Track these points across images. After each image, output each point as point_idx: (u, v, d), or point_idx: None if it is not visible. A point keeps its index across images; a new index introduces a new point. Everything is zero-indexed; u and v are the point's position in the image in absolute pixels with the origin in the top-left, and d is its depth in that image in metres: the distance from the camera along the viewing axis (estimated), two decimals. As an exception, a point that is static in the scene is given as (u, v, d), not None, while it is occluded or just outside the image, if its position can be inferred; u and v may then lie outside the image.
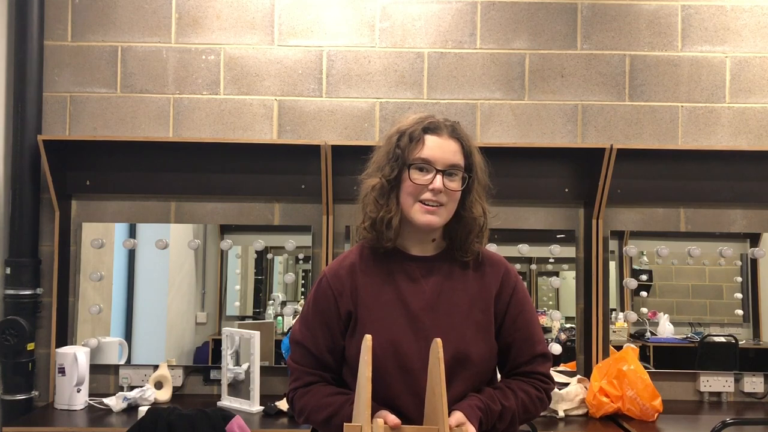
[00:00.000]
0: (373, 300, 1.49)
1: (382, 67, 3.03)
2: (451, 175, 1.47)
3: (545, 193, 2.98)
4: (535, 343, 1.55)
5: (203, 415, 2.04)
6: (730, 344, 2.99)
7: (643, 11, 3.05)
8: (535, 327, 1.57)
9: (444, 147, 1.47)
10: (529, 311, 1.57)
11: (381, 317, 1.47)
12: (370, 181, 1.52)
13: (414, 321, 1.47)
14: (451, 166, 1.47)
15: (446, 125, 1.51)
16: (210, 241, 3.02)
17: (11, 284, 2.85)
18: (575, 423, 2.60)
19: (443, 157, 1.47)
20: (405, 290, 1.49)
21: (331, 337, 1.51)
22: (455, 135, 1.50)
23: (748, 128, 3.04)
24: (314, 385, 1.52)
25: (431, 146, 1.47)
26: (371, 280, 1.51)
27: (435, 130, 1.49)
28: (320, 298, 1.53)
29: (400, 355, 1.43)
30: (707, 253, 3.02)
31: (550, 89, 3.04)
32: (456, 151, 1.49)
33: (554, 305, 3.05)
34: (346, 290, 1.51)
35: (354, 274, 1.52)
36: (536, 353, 1.54)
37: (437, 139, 1.48)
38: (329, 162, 2.82)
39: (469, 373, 1.46)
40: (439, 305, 1.49)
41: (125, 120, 3.01)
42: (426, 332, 1.45)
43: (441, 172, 1.46)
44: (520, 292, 1.57)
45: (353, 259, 1.55)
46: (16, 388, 2.82)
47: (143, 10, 3.02)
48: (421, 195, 1.46)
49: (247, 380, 2.71)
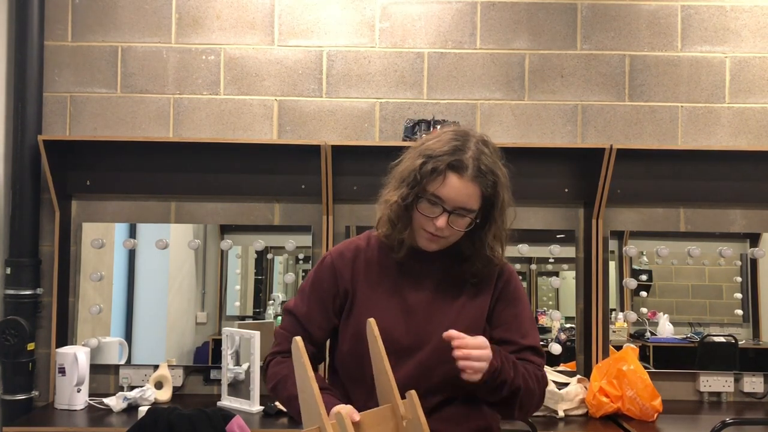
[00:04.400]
0: (372, 287, 1.53)
1: (382, 67, 3.03)
2: (460, 215, 1.47)
3: (545, 193, 2.98)
4: (523, 335, 1.55)
5: (203, 415, 2.04)
6: (729, 344, 2.99)
7: (643, 11, 3.05)
8: (524, 321, 1.57)
9: (461, 191, 1.45)
10: (518, 306, 1.58)
11: (377, 305, 1.50)
12: (389, 195, 1.53)
13: (408, 313, 1.51)
14: (461, 209, 1.46)
15: (474, 165, 1.45)
16: (210, 241, 3.02)
17: (11, 284, 2.85)
18: (575, 423, 2.60)
19: (456, 199, 1.45)
20: (404, 282, 1.53)
21: (324, 312, 1.55)
22: (478, 180, 1.45)
23: (748, 128, 3.04)
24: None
25: (449, 185, 1.45)
26: (373, 267, 1.55)
27: (459, 170, 1.44)
28: (321, 274, 1.57)
29: (390, 343, 1.43)
30: (707, 253, 3.02)
31: (550, 89, 3.04)
32: (472, 195, 1.46)
33: (554, 305, 3.05)
34: (347, 272, 1.55)
35: (357, 259, 1.56)
36: (524, 345, 1.54)
37: (457, 181, 1.44)
38: (329, 162, 2.82)
39: (455, 366, 1.44)
40: (435, 301, 1.53)
41: (125, 120, 3.02)
42: (418, 325, 1.50)
43: (449, 212, 1.45)
44: (511, 286, 1.58)
45: (359, 244, 1.59)
46: (16, 388, 2.82)
47: (143, 10, 3.02)
48: (426, 225, 1.48)
49: (247, 380, 2.71)
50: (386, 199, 1.54)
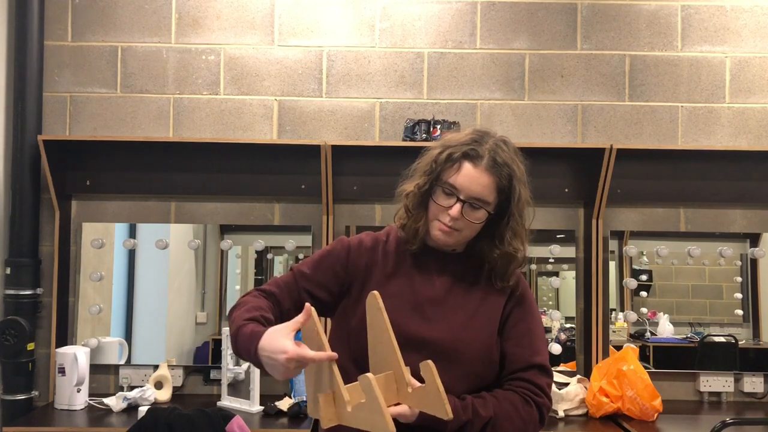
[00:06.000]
0: (386, 277, 1.53)
1: (382, 67, 3.03)
2: (475, 207, 1.47)
3: (545, 193, 2.97)
4: (533, 352, 1.52)
5: (203, 415, 2.04)
6: (729, 344, 2.99)
7: (643, 11, 3.05)
8: (535, 338, 1.54)
9: (475, 179, 1.45)
10: (532, 322, 1.56)
11: (388, 297, 1.46)
12: (407, 186, 1.55)
13: (418, 309, 1.49)
14: (476, 199, 1.46)
15: (490, 156, 1.46)
16: (210, 241, 3.02)
17: (11, 284, 2.85)
18: (575, 423, 2.60)
19: (470, 189, 1.45)
20: (417, 279, 1.53)
21: (324, 281, 1.53)
22: (493, 170, 1.46)
23: (748, 128, 3.04)
24: (272, 297, 1.51)
25: (463, 174, 1.46)
26: (390, 258, 1.55)
27: (474, 159, 1.46)
28: (336, 248, 1.57)
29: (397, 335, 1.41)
30: (707, 253, 3.02)
31: (550, 89, 3.04)
32: (487, 185, 1.46)
33: (554, 305, 3.05)
34: (364, 257, 1.55)
35: (375, 250, 1.56)
36: (533, 362, 1.51)
37: (472, 170, 1.45)
38: (329, 162, 2.82)
39: (460, 372, 1.45)
40: (446, 301, 1.51)
41: (125, 120, 3.01)
42: (427, 322, 1.48)
43: (462, 202, 1.46)
44: (526, 302, 1.57)
45: (379, 236, 1.60)
46: (16, 388, 2.82)
47: (143, 10, 3.02)
48: (440, 216, 1.48)
49: (247, 380, 2.71)
50: (403, 188, 1.56)
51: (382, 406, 1.19)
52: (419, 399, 1.31)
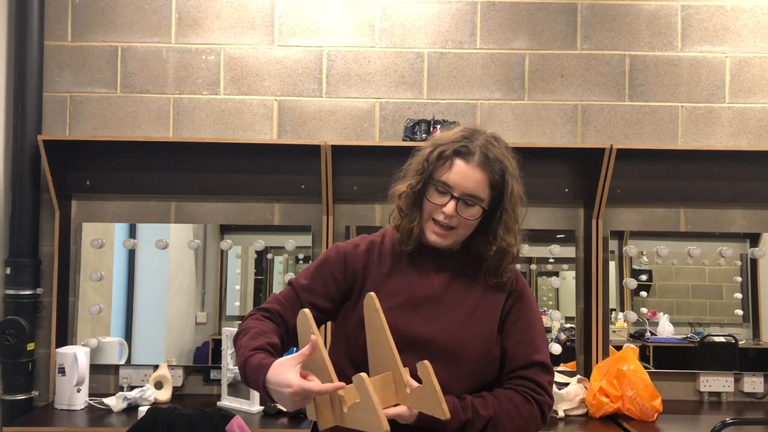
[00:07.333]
0: (382, 280, 1.52)
1: (382, 67, 3.03)
2: (469, 204, 1.47)
3: (545, 193, 2.97)
4: (533, 350, 1.51)
5: (203, 415, 2.04)
6: (729, 344, 2.99)
7: (643, 11, 3.05)
8: (536, 335, 1.54)
9: (467, 176, 1.46)
10: (532, 319, 1.55)
11: (385, 297, 1.47)
12: (400, 187, 1.55)
13: (416, 309, 1.49)
14: (469, 196, 1.46)
15: (481, 152, 1.47)
16: (210, 241, 3.02)
17: (11, 284, 2.85)
18: (575, 423, 2.60)
19: (462, 185, 1.46)
20: (414, 279, 1.52)
21: (325, 290, 1.53)
22: (485, 166, 1.47)
23: (748, 128, 3.04)
24: (277, 315, 1.50)
25: (455, 171, 1.46)
26: (386, 260, 1.54)
27: (465, 155, 1.46)
28: (332, 255, 1.57)
29: (396, 335, 1.40)
30: (707, 253, 3.02)
31: (550, 89, 3.04)
32: (479, 181, 1.46)
33: (554, 305, 3.05)
34: (360, 261, 1.54)
35: (371, 252, 1.56)
36: (534, 360, 1.50)
37: (464, 166, 1.46)
38: (329, 162, 2.82)
39: (461, 371, 1.45)
40: (444, 299, 1.51)
41: (125, 120, 3.01)
42: (425, 321, 1.47)
43: (456, 199, 1.46)
44: (525, 299, 1.57)
45: (375, 239, 1.60)
46: (16, 388, 2.82)
47: (143, 10, 3.03)
48: (435, 214, 1.48)
49: (247, 380, 2.71)
50: (396, 189, 1.56)
51: (375, 404, 1.19)
52: (417, 399, 1.31)
